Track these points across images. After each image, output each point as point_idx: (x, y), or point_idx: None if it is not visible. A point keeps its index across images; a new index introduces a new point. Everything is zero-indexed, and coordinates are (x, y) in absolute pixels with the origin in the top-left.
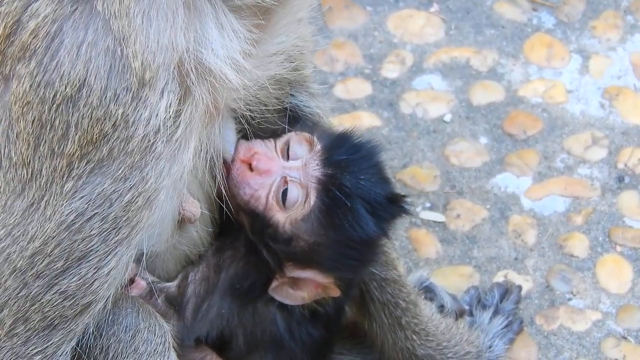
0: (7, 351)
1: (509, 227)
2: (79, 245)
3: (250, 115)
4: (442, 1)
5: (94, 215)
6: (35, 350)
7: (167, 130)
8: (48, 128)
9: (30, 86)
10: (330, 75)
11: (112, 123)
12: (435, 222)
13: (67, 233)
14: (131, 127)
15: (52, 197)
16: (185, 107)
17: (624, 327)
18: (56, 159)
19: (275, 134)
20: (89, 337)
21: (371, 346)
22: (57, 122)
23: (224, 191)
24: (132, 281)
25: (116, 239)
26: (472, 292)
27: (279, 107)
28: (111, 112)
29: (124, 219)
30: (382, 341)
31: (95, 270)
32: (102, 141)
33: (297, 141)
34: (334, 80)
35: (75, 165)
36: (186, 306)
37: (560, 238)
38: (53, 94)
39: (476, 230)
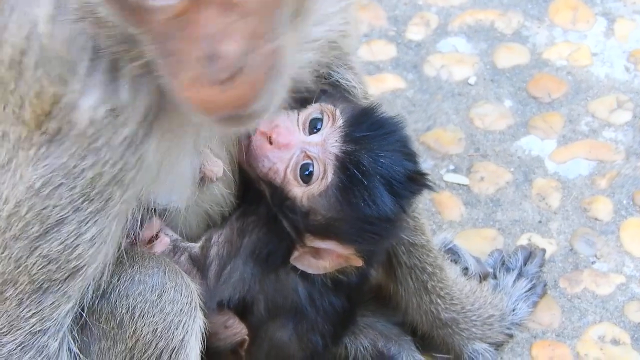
0: (2, 314)
1: (533, 190)
2: (51, 211)
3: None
4: None
5: (60, 184)
6: (30, 313)
7: (109, 121)
8: (8, 90)
9: None
10: (357, 32)
11: (51, 102)
12: (459, 184)
13: (37, 198)
14: (69, 110)
15: (19, 161)
16: (125, 101)
17: None
18: (18, 125)
19: (301, 104)
20: (115, 297)
21: (395, 308)
22: (11, 85)
23: (244, 160)
24: (156, 236)
25: (90, 209)
26: (496, 255)
27: (316, 77)
28: (46, 89)
29: (94, 192)
30: (407, 304)
31: (75, 237)
32: (49, 117)
33: (320, 114)
34: (357, 42)
35: (34, 135)
36: (209, 268)
37: (584, 201)
38: (4, 55)
39: (500, 193)
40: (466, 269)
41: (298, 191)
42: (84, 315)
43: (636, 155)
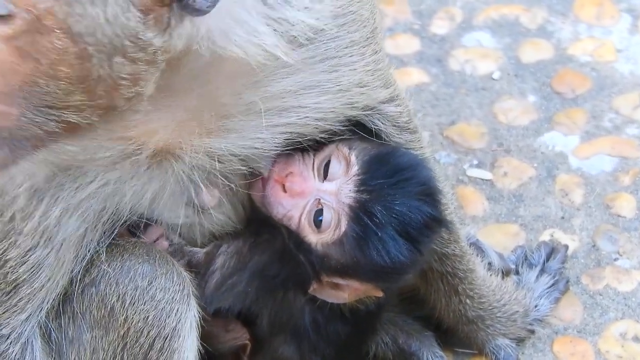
0: None
1: (556, 186)
2: None
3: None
4: None
5: None
6: None
7: None
8: None
9: None
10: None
11: None
12: (482, 179)
13: None
14: None
15: None
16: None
17: None
18: None
19: (318, 147)
20: (105, 284)
21: (418, 303)
22: None
23: (258, 200)
24: (156, 241)
25: (3, 228)
26: (519, 251)
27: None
28: None
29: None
30: (435, 302)
31: (1, 252)
32: None
33: (336, 159)
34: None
35: None
36: (211, 275)
37: (607, 198)
38: None
39: (523, 188)
40: (489, 264)
41: (313, 237)
42: (74, 304)
43: None
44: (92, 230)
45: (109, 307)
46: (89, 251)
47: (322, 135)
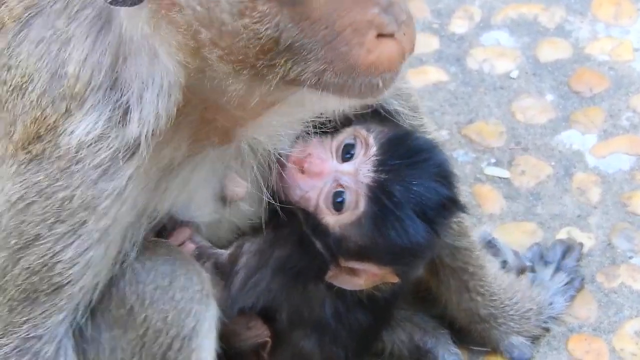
0: None
1: (573, 185)
2: (26, 226)
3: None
4: None
5: (33, 201)
6: (22, 319)
7: (91, 149)
8: (4, 109)
9: None
10: None
11: (46, 126)
12: (499, 177)
13: (14, 211)
14: (60, 135)
15: (2, 173)
16: (109, 138)
17: None
18: (7, 141)
19: (335, 127)
20: (124, 284)
21: (433, 301)
22: (9, 106)
23: (277, 186)
24: (183, 243)
25: (61, 230)
26: (535, 248)
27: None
28: (47, 115)
29: (65, 214)
30: (447, 300)
31: (52, 254)
32: (38, 140)
33: (354, 140)
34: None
35: (19, 153)
36: (235, 275)
37: (624, 196)
38: (10, 78)
39: (540, 186)
40: (505, 262)
41: (330, 219)
42: (94, 303)
43: None
44: (136, 226)
45: (128, 306)
46: (129, 250)
47: (340, 119)
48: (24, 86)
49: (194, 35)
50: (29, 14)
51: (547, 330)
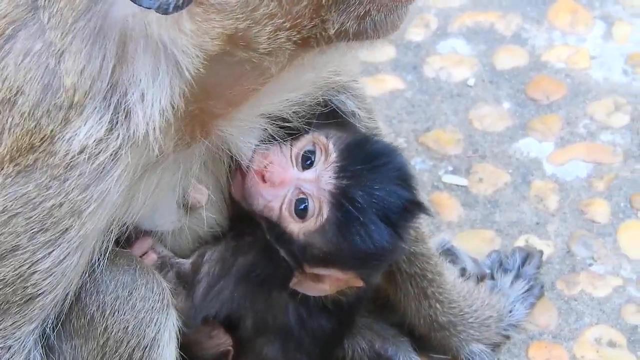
0: None
1: (531, 192)
2: (6, 237)
3: (282, 117)
4: None
5: (18, 213)
6: None
7: (88, 153)
8: None
9: None
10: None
11: (41, 137)
12: (457, 185)
13: None
14: (56, 143)
15: None
16: (108, 141)
17: None
18: None
19: (295, 134)
20: (85, 294)
21: (393, 310)
22: None
23: (237, 193)
24: (144, 254)
25: (43, 239)
26: (494, 256)
27: (316, 104)
28: (42, 126)
29: (49, 222)
30: (406, 308)
31: (30, 265)
32: (30, 151)
33: (314, 147)
34: (359, 69)
35: (5, 167)
36: (198, 284)
37: (581, 203)
38: None
39: (498, 194)
40: (464, 269)
41: (294, 227)
42: (63, 313)
43: (634, 158)
44: (107, 234)
45: (88, 316)
46: (97, 259)
47: (299, 122)
48: (12, 99)
49: (249, 14)
50: (13, 28)
51: (508, 337)
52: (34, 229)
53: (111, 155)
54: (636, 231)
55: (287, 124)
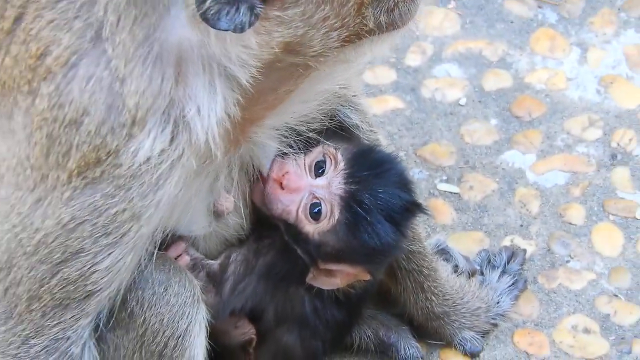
0: (29, 323)
1: (515, 198)
2: (73, 242)
3: (295, 129)
4: None
5: (85, 220)
6: (53, 323)
7: (150, 164)
8: (56, 143)
9: (47, 105)
10: (359, 72)
11: (107, 152)
12: (450, 192)
13: (63, 231)
14: (121, 156)
15: (53, 200)
16: (169, 150)
17: (615, 286)
18: (60, 170)
19: (308, 145)
20: (125, 290)
21: (394, 302)
22: (63, 139)
23: (258, 200)
24: (180, 256)
25: (105, 241)
26: (483, 254)
27: (325, 117)
28: (107, 142)
29: (112, 227)
30: (405, 300)
31: (91, 265)
32: (97, 164)
33: (324, 157)
34: (363, 68)
35: (74, 180)
36: (225, 282)
37: (560, 208)
38: (62, 115)
39: (486, 200)
40: (457, 266)
41: (309, 228)
42: (115, 307)
43: (606, 167)
44: (154, 235)
45: (129, 310)
46: (145, 258)
47: (311, 135)
48: (78, 119)
49: (306, 20)
50: (76, 57)
51: (495, 325)
52: (98, 233)
53: (170, 164)
54: (608, 232)
55: (300, 138)
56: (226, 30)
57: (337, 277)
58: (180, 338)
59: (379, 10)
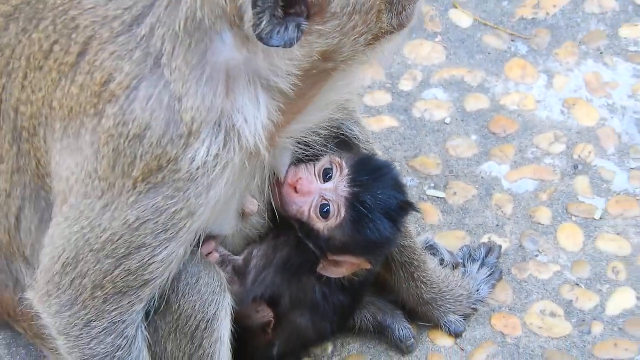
0: (91, 308)
1: (492, 202)
2: (136, 238)
3: (305, 141)
4: (443, 33)
5: (148, 219)
6: (112, 307)
7: (205, 167)
8: (122, 155)
9: (113, 123)
10: (360, 88)
11: (167, 159)
12: (437, 197)
13: (128, 229)
14: (180, 163)
15: (120, 204)
16: (221, 154)
17: (576, 276)
18: (125, 178)
19: (317, 156)
20: (161, 281)
21: (389, 290)
22: (128, 152)
23: (276, 203)
24: (210, 253)
25: (164, 236)
26: (465, 249)
27: (330, 130)
28: (167, 151)
29: (170, 224)
30: (399, 288)
31: (150, 257)
32: (158, 171)
33: (331, 165)
34: (363, 92)
35: (138, 185)
36: (248, 274)
37: (530, 210)
38: (127, 131)
39: (468, 204)
40: (442, 260)
41: (320, 225)
42: (165, 292)
43: (568, 176)
44: (196, 233)
45: (165, 297)
46: (189, 250)
47: (319, 145)
48: (141, 134)
49: (340, 30)
50: (136, 81)
51: (475, 310)
52: (158, 230)
53: (223, 166)
54: (570, 231)
55: (310, 148)
56: (277, 46)
57: (343, 267)
58: (209, 321)
59: (392, 14)
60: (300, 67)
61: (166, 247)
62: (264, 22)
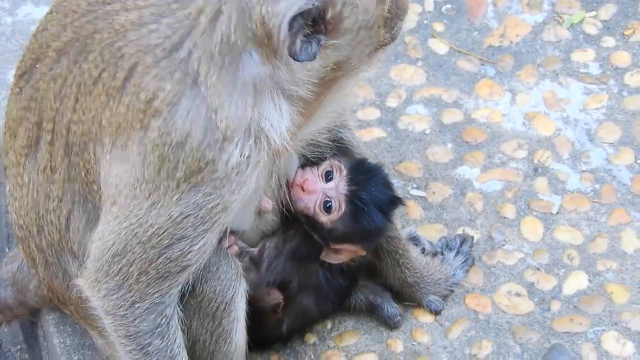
0: (136, 292)
1: (466, 200)
2: (179, 231)
3: (308, 148)
4: (424, 59)
5: (189, 214)
6: (154, 290)
7: (239, 167)
8: (166, 161)
9: (157, 134)
10: (354, 105)
11: (206, 162)
12: (419, 196)
13: (172, 224)
14: (217, 164)
15: (165, 203)
16: (252, 154)
17: (537, 262)
18: (169, 180)
19: (320, 161)
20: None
21: (379, 275)
22: (171, 157)
23: (286, 201)
24: (230, 246)
25: (202, 228)
26: (443, 240)
27: (328, 138)
28: (206, 155)
29: (208, 217)
30: (386, 273)
31: (189, 246)
32: (198, 172)
33: (331, 168)
34: (356, 108)
35: (181, 185)
36: (263, 263)
37: (497, 207)
38: (170, 140)
39: (445, 201)
40: (424, 249)
41: (324, 218)
42: (200, 276)
43: (530, 177)
44: (228, 223)
45: (190, 284)
46: (219, 240)
47: (321, 150)
48: (183, 141)
49: (351, 43)
50: (177, 97)
51: (452, 291)
52: (198, 223)
53: (254, 165)
54: (532, 224)
55: (314, 153)
56: (304, 61)
57: (343, 254)
58: (228, 303)
59: (388, 29)
60: (317, 77)
61: (203, 237)
62: (297, 42)
